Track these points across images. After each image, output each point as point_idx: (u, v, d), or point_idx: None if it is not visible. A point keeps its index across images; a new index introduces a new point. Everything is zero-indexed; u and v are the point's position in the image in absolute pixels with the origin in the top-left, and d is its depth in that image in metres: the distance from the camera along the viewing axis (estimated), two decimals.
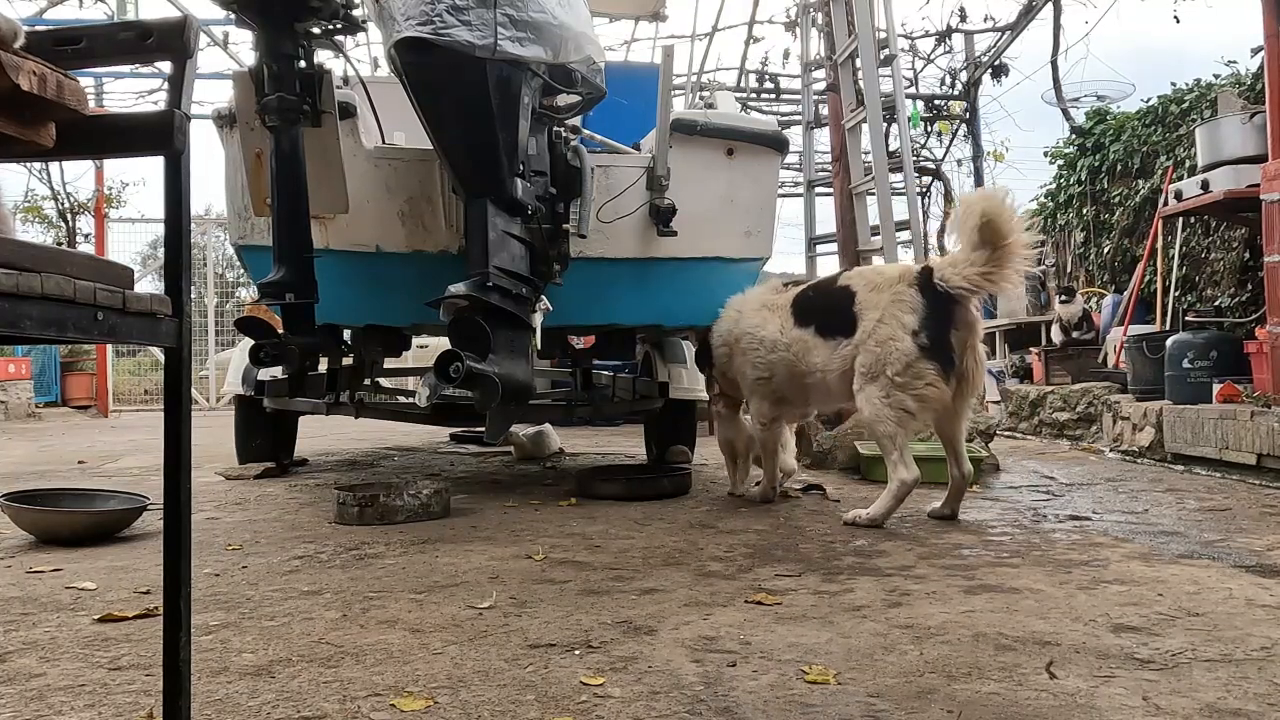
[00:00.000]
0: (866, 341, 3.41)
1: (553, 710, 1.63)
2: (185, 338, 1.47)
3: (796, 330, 3.71)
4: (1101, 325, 8.05)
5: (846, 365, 3.50)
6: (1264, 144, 5.11)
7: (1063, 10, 10.84)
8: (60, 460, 6.57)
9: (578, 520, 3.57)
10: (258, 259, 4.20)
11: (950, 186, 13.02)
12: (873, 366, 3.37)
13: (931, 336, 3.29)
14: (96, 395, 14.09)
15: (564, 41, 3.55)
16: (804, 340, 3.67)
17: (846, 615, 2.20)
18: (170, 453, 1.47)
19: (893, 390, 3.31)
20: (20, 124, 1.25)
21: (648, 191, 4.22)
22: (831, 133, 6.61)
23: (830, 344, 3.57)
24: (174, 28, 1.42)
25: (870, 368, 3.38)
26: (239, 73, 3.96)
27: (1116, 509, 3.73)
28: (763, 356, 3.80)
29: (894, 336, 3.33)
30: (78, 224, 13.94)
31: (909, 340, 3.31)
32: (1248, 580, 2.48)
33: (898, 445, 3.36)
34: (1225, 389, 4.80)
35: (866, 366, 3.38)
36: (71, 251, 1.40)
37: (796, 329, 3.71)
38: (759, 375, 3.84)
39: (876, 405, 3.34)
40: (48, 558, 3.03)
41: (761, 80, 12.81)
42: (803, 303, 3.78)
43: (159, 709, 1.54)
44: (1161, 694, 1.66)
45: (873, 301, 3.44)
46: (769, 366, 3.79)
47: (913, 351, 3.29)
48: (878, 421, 3.36)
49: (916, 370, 3.29)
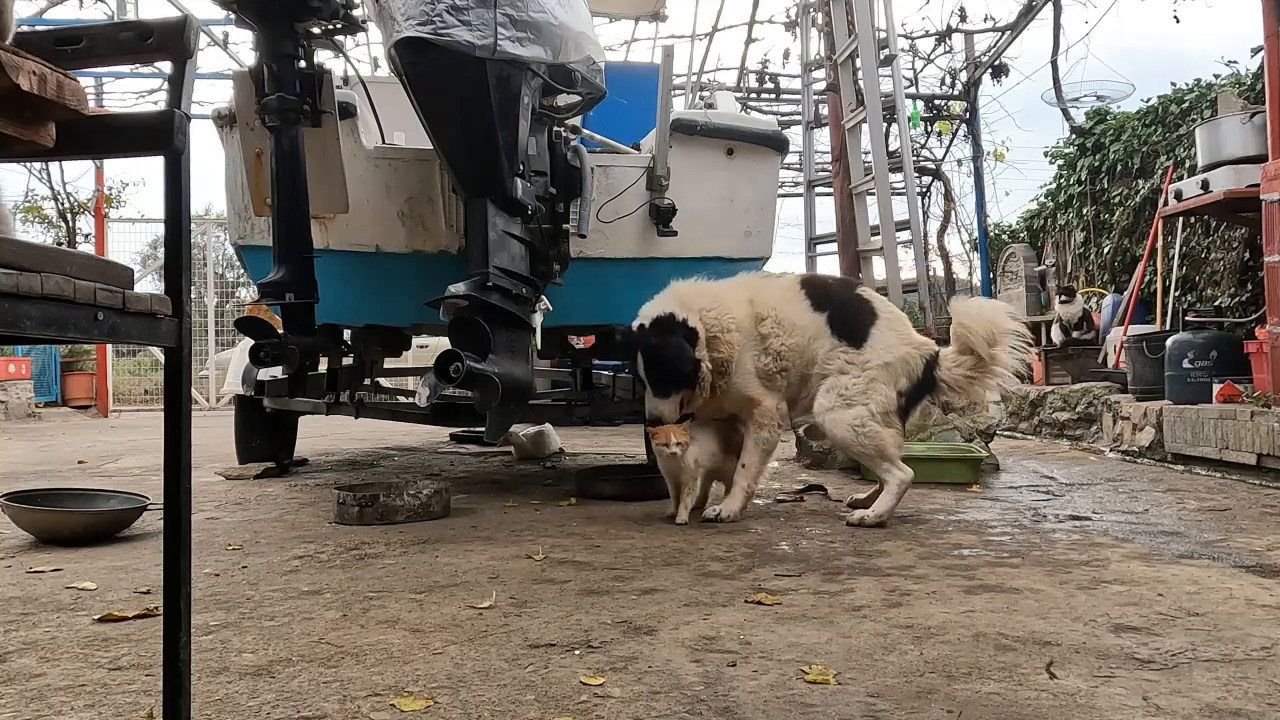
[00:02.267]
0: (866, 365, 3.52)
1: (553, 710, 1.63)
2: (185, 338, 1.47)
3: (813, 315, 3.61)
4: (1101, 325, 8.05)
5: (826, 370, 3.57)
6: (1264, 144, 5.11)
7: (1063, 10, 10.85)
8: (60, 460, 6.57)
9: (578, 520, 3.57)
10: (258, 259, 4.20)
11: (950, 186, 13.03)
12: (855, 394, 3.49)
13: (908, 401, 3.60)
14: (96, 395, 14.09)
15: (564, 41, 3.55)
16: (818, 328, 3.60)
17: (846, 615, 2.20)
18: (170, 453, 1.46)
19: (868, 421, 3.47)
20: (20, 124, 1.25)
21: (648, 191, 4.23)
22: (831, 133, 6.62)
23: (832, 342, 3.59)
24: (174, 28, 1.42)
25: (851, 394, 3.49)
26: (239, 73, 3.97)
27: (1116, 509, 3.73)
28: (784, 342, 3.58)
29: (885, 383, 3.53)
30: (78, 224, 13.94)
31: (894, 394, 3.55)
32: (1248, 580, 2.48)
33: (885, 456, 3.48)
34: (1225, 389, 4.80)
35: (848, 390, 3.50)
36: (71, 251, 1.40)
37: (814, 314, 3.62)
38: (783, 366, 3.60)
39: (847, 430, 3.47)
40: (48, 558, 3.03)
41: (761, 80, 12.81)
42: (818, 292, 3.71)
43: (159, 709, 1.54)
44: (1161, 694, 1.66)
45: (886, 341, 3.56)
46: (789, 354, 3.59)
47: (893, 403, 3.55)
48: (852, 444, 3.50)
49: (890, 419, 3.53)
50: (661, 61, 4.11)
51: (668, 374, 3.43)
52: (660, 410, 3.45)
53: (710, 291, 3.60)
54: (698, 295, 3.55)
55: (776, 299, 3.62)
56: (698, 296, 3.54)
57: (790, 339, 3.56)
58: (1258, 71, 6.55)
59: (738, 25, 12.66)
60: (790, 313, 3.59)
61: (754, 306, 3.57)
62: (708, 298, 3.55)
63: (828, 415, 3.50)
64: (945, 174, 12.98)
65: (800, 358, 3.58)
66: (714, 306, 3.51)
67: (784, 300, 3.62)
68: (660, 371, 3.44)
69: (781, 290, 3.69)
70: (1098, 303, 8.61)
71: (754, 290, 3.67)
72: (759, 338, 3.55)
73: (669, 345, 3.40)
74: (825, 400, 3.52)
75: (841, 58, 6.14)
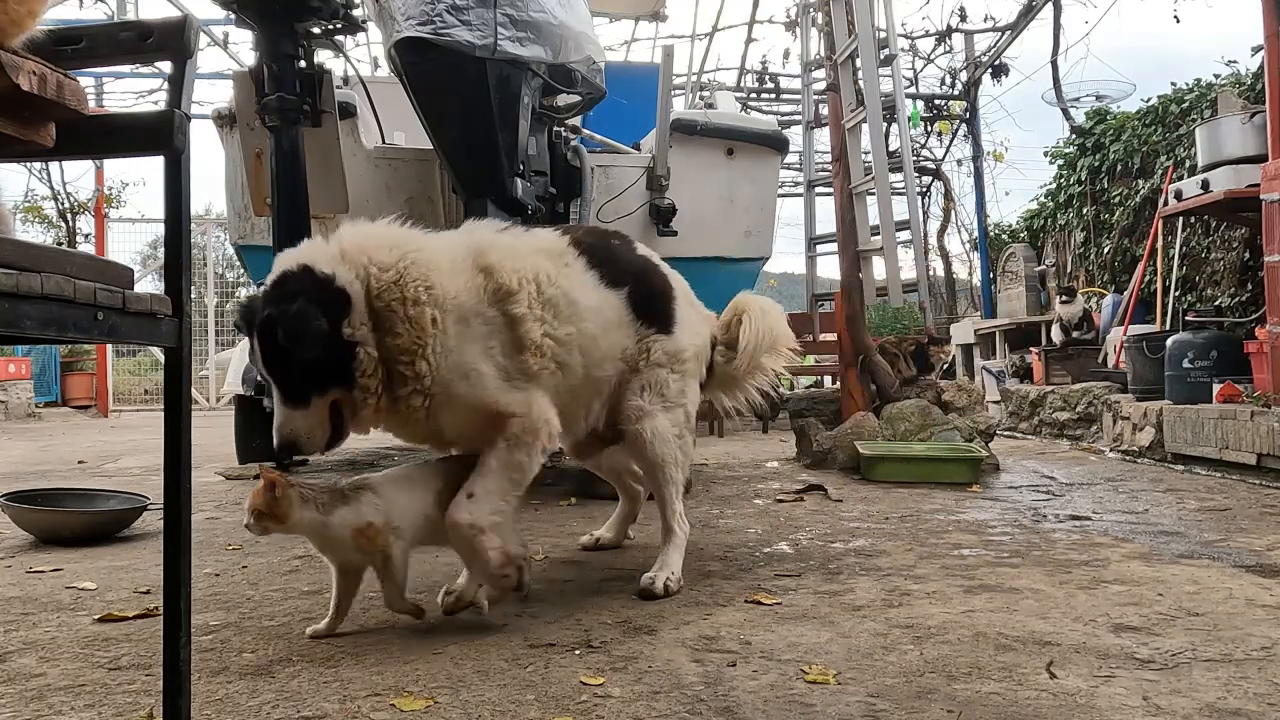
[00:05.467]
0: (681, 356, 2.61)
1: (553, 710, 1.63)
2: (185, 338, 1.47)
3: (606, 293, 2.48)
4: (1101, 325, 8.05)
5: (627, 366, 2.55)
6: (1264, 144, 5.11)
7: (1063, 10, 10.87)
8: (60, 460, 6.56)
9: (578, 520, 3.57)
10: (258, 259, 4.21)
11: (950, 186, 13.05)
12: (674, 394, 2.58)
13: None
14: (96, 395, 14.11)
15: (564, 41, 3.56)
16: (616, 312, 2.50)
17: (846, 615, 2.20)
18: (170, 453, 1.47)
19: (686, 433, 2.64)
20: (20, 124, 1.25)
21: (648, 191, 4.23)
22: (831, 133, 6.60)
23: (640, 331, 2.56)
24: (174, 28, 1.42)
25: (671, 394, 2.58)
26: (239, 73, 3.97)
27: (1116, 509, 3.72)
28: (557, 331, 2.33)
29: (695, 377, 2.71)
30: (78, 224, 13.96)
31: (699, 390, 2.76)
32: (1248, 580, 2.48)
33: (679, 491, 2.63)
34: (1225, 389, 4.80)
35: (669, 389, 2.57)
36: (71, 251, 1.40)
37: (606, 291, 2.48)
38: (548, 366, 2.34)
39: (668, 444, 2.56)
40: (48, 558, 3.03)
41: (761, 80, 12.82)
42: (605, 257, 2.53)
43: (159, 709, 1.54)
44: (1161, 694, 1.66)
45: (691, 321, 2.71)
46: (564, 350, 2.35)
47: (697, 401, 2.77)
48: (668, 463, 2.56)
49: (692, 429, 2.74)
50: (661, 61, 4.12)
51: (290, 366, 2.08)
52: (293, 430, 2.10)
53: (403, 241, 2.23)
54: (375, 243, 2.19)
55: (537, 267, 2.33)
56: (375, 244, 2.18)
57: (568, 327, 2.33)
58: (1258, 71, 6.55)
59: (738, 25, 12.70)
60: (567, 288, 2.36)
61: (491, 276, 2.25)
62: (391, 249, 2.17)
63: (645, 423, 2.51)
64: (945, 174, 13.00)
65: (587, 356, 2.40)
66: (398, 263, 2.15)
67: (552, 269, 2.36)
68: (277, 362, 2.09)
69: (545, 254, 2.40)
70: (1098, 303, 8.61)
71: (493, 250, 2.30)
72: (503, 321, 2.24)
73: (288, 316, 2.03)
74: (641, 402, 2.53)
75: (841, 58, 6.14)
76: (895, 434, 5.19)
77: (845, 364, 6.09)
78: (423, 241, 2.26)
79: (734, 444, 6.96)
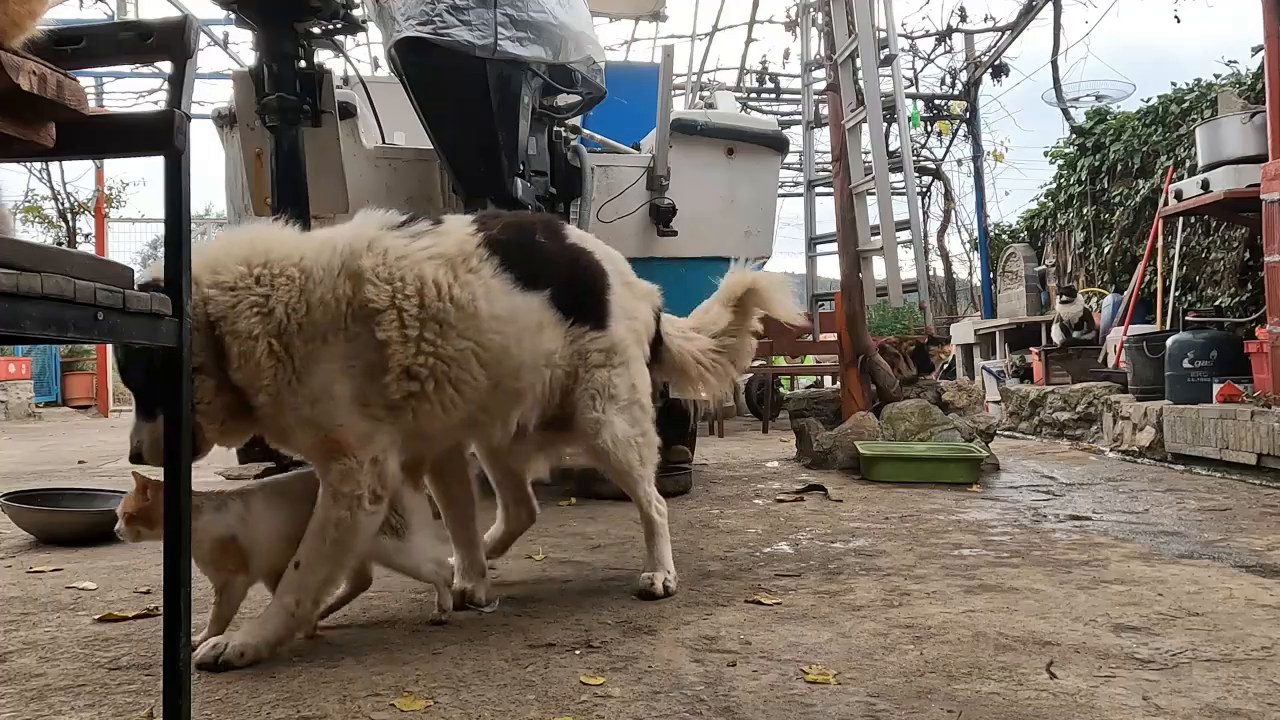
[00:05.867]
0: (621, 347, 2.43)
1: (553, 710, 1.63)
2: (185, 338, 1.47)
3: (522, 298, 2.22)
4: (1101, 325, 8.05)
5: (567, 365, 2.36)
6: (1264, 144, 5.11)
7: (1063, 10, 10.86)
8: (60, 460, 6.57)
9: (578, 520, 3.57)
10: None
11: (950, 186, 13.05)
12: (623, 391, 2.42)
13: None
14: (96, 395, 14.10)
15: (564, 41, 3.56)
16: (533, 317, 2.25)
17: (846, 615, 2.20)
18: (170, 453, 1.47)
19: (642, 423, 2.48)
20: (20, 124, 1.25)
21: (648, 191, 4.23)
22: (831, 133, 6.60)
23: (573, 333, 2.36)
24: (174, 28, 1.42)
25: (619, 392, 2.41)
26: (239, 73, 3.97)
27: (1116, 509, 3.72)
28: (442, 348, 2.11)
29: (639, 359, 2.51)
30: (78, 224, 13.95)
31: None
32: (1248, 580, 2.48)
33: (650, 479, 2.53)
34: (1225, 389, 4.80)
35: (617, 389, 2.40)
36: (71, 251, 1.40)
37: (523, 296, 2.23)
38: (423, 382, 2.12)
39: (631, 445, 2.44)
40: (48, 558, 3.03)
41: (761, 80, 12.82)
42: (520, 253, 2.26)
43: (159, 709, 1.54)
44: (1161, 694, 1.66)
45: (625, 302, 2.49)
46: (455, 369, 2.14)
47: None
48: (634, 464, 2.45)
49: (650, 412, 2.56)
50: (661, 61, 4.12)
51: (137, 381, 2.00)
52: (139, 440, 1.98)
53: (259, 252, 2.03)
54: (226, 256, 2.02)
55: (423, 276, 2.08)
56: (225, 258, 2.01)
57: (462, 342, 2.10)
58: (1258, 71, 6.55)
59: (738, 25, 12.69)
60: (465, 298, 2.11)
61: (359, 288, 2.02)
62: (241, 261, 2.01)
63: (604, 435, 2.38)
64: (945, 174, 13.00)
65: (495, 368, 2.16)
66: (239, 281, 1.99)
67: (445, 279, 2.10)
68: (124, 374, 2.07)
69: (442, 260, 2.12)
70: (1098, 303, 8.61)
71: (370, 254, 2.06)
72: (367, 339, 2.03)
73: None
74: (596, 414, 2.37)
75: (841, 58, 6.14)
76: (895, 434, 5.19)
77: (845, 364, 6.09)
78: (287, 248, 2.06)
79: (734, 444, 6.96)
